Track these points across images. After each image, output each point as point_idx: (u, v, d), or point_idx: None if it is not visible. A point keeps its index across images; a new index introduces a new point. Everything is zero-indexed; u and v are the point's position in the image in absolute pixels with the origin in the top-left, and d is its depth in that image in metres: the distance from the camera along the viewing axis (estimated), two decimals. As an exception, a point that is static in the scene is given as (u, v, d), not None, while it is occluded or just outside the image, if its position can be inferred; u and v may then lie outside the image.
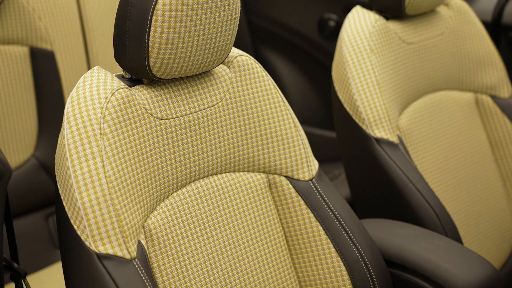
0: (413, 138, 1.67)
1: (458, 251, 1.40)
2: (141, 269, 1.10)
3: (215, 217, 1.25)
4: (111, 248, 1.09)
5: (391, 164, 1.58)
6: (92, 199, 1.09)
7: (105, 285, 1.07)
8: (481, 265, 1.36)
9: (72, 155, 1.10)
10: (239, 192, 1.29)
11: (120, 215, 1.10)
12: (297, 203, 1.33)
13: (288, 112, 1.35)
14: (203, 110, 1.25)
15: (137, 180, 1.15)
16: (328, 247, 1.32)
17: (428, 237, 1.45)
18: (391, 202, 1.60)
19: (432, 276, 1.35)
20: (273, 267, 1.30)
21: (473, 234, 1.71)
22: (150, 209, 1.18)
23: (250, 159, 1.31)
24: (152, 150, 1.18)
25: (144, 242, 1.15)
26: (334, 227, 1.33)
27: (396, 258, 1.41)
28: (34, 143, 1.93)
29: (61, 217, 1.13)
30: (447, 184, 1.70)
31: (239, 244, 1.26)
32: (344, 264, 1.31)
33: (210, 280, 1.22)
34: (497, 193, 1.80)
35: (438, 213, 1.55)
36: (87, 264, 1.09)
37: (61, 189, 1.12)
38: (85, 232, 1.09)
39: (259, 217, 1.30)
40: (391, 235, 1.46)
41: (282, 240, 1.33)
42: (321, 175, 1.37)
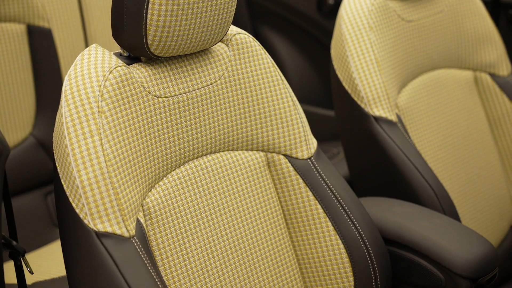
0: (412, 117, 1.67)
1: (456, 229, 1.41)
2: (139, 247, 1.11)
3: (213, 195, 1.25)
4: (109, 226, 1.09)
5: (389, 143, 1.58)
6: (90, 177, 1.09)
7: (103, 263, 1.08)
8: (479, 243, 1.37)
9: (70, 133, 1.10)
10: (238, 170, 1.29)
11: (118, 193, 1.10)
12: (296, 182, 1.33)
13: (287, 91, 1.35)
14: (201, 89, 1.24)
15: (135, 159, 1.15)
16: (327, 225, 1.32)
17: (426, 215, 1.45)
18: (389, 180, 1.60)
19: (430, 254, 1.36)
20: (272, 246, 1.30)
21: (471, 212, 1.72)
22: (149, 187, 1.18)
23: (249, 138, 1.31)
24: (150, 128, 1.18)
25: (142, 220, 1.15)
26: (333, 206, 1.33)
27: (394, 236, 1.41)
28: (32, 121, 1.93)
29: (59, 196, 1.13)
30: (445, 162, 1.70)
31: (237, 223, 1.26)
32: (343, 242, 1.32)
33: (208, 258, 1.22)
34: (496, 171, 1.80)
35: (437, 191, 1.56)
36: (86, 242, 1.09)
37: (59, 168, 1.12)
38: (83, 210, 1.09)
39: (258, 195, 1.30)
40: (389, 213, 1.46)
41: (280, 218, 1.33)
42: (320, 154, 1.37)
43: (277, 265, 1.30)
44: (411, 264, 1.39)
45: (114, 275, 1.07)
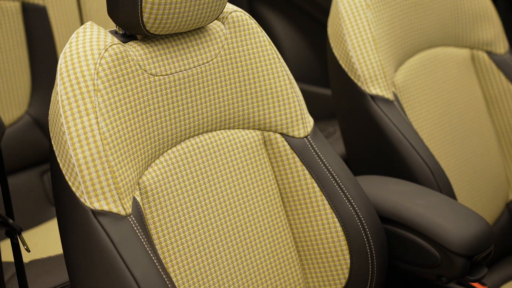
0: (409, 95, 1.66)
1: (452, 207, 1.41)
2: (136, 226, 1.11)
3: (210, 174, 1.25)
4: (106, 204, 1.09)
5: (386, 121, 1.58)
6: (86, 155, 1.09)
7: (100, 241, 1.08)
8: (475, 220, 1.37)
9: (66, 112, 1.10)
10: (234, 149, 1.29)
11: (115, 172, 1.10)
12: (292, 160, 1.33)
13: (283, 69, 1.34)
14: (197, 67, 1.24)
15: (131, 137, 1.15)
16: (323, 203, 1.32)
17: (423, 193, 1.45)
18: (385, 158, 1.61)
19: (426, 231, 1.36)
20: (268, 224, 1.30)
21: (467, 190, 1.72)
22: (145, 166, 1.18)
23: (245, 116, 1.31)
24: (146, 106, 1.18)
25: (139, 198, 1.15)
26: (329, 184, 1.33)
27: (390, 214, 1.42)
28: (28, 99, 1.92)
29: (55, 174, 1.12)
30: (442, 140, 1.70)
31: (234, 201, 1.27)
32: (339, 220, 1.32)
33: (205, 236, 1.22)
34: (492, 149, 1.80)
35: (433, 169, 1.56)
36: (83, 221, 1.09)
37: (55, 146, 1.11)
38: (80, 189, 1.09)
39: (254, 174, 1.30)
40: (385, 192, 1.47)
41: (277, 197, 1.33)
42: (316, 132, 1.37)
43: (274, 243, 1.31)
44: (407, 242, 1.40)
45: (111, 253, 1.07)
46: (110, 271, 1.07)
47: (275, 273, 1.30)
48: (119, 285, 1.06)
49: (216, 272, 1.22)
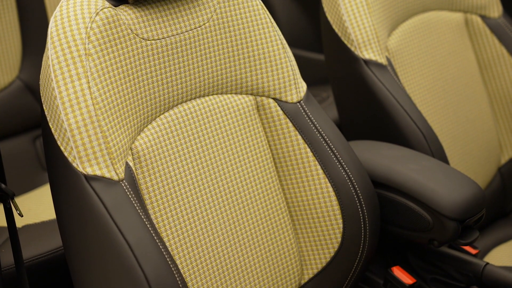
0: (402, 60, 1.66)
1: (444, 171, 1.41)
2: (129, 190, 1.11)
3: (203, 139, 1.25)
4: (98, 169, 1.09)
5: (379, 86, 1.57)
6: (78, 120, 1.08)
7: (93, 206, 1.08)
8: (466, 184, 1.37)
9: (57, 76, 1.09)
10: (227, 114, 1.28)
11: (107, 137, 1.10)
12: (285, 125, 1.33)
13: (276, 33, 1.33)
14: (189, 31, 1.23)
15: (123, 102, 1.14)
16: (316, 168, 1.33)
17: (415, 158, 1.46)
18: (378, 123, 1.61)
19: (418, 196, 1.37)
20: (261, 189, 1.31)
21: (459, 155, 1.73)
22: (138, 131, 1.18)
23: (238, 81, 1.30)
24: (138, 71, 1.17)
25: (132, 163, 1.15)
26: (322, 149, 1.33)
27: (383, 178, 1.42)
28: (19, 64, 1.91)
29: (47, 139, 1.12)
30: (435, 105, 1.70)
31: (227, 166, 1.27)
32: (332, 185, 1.32)
33: (198, 201, 1.22)
34: (485, 114, 1.80)
35: (425, 134, 1.56)
36: (75, 186, 1.09)
37: (47, 111, 1.11)
38: (72, 154, 1.09)
39: (247, 139, 1.30)
40: (378, 156, 1.47)
41: (270, 162, 1.33)
42: (309, 97, 1.37)
43: (267, 208, 1.31)
44: (400, 206, 1.41)
45: (104, 217, 1.07)
46: (103, 235, 1.07)
47: (268, 238, 1.30)
48: (112, 250, 1.06)
49: (210, 237, 1.23)
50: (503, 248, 1.75)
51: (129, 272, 1.05)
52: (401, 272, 1.43)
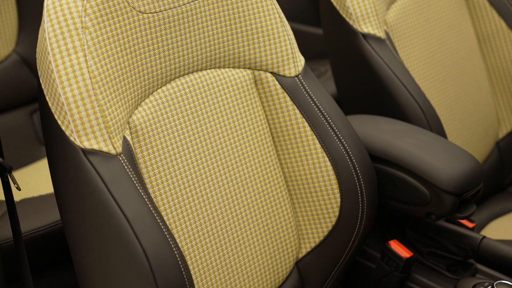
0: (400, 33, 1.65)
1: (442, 145, 1.41)
2: (127, 164, 1.11)
3: (200, 113, 1.24)
4: (96, 143, 1.09)
5: (377, 60, 1.57)
6: (75, 94, 1.08)
7: (91, 180, 1.08)
8: (464, 158, 1.38)
9: (53, 49, 1.08)
10: (225, 88, 1.28)
11: (104, 111, 1.09)
12: (283, 100, 1.32)
13: (274, 7, 1.32)
14: (187, 4, 1.22)
15: (121, 76, 1.14)
16: (314, 143, 1.32)
17: (413, 132, 1.46)
18: (377, 98, 1.60)
19: (416, 170, 1.37)
20: (259, 163, 1.31)
21: (457, 129, 1.73)
22: (135, 105, 1.17)
23: (236, 55, 1.29)
24: (135, 45, 1.16)
25: (129, 138, 1.15)
26: (320, 123, 1.33)
27: (381, 153, 1.42)
28: (15, 38, 1.90)
29: (44, 113, 1.12)
30: (433, 79, 1.70)
31: (224, 140, 1.26)
32: (330, 159, 1.32)
33: (196, 175, 1.22)
34: (483, 87, 1.80)
35: (424, 108, 1.56)
36: (73, 160, 1.09)
37: (43, 84, 1.10)
38: (69, 128, 1.08)
39: (245, 113, 1.30)
40: (376, 131, 1.47)
41: (268, 136, 1.33)
42: (307, 72, 1.36)
43: (264, 182, 1.31)
44: (397, 181, 1.41)
45: (102, 192, 1.07)
46: (101, 209, 1.07)
47: (266, 212, 1.31)
48: (110, 224, 1.07)
49: (208, 211, 1.23)
50: (500, 222, 1.76)
51: (127, 246, 1.05)
52: (398, 246, 1.44)
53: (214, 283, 1.23)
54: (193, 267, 1.21)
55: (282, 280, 1.35)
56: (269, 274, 1.31)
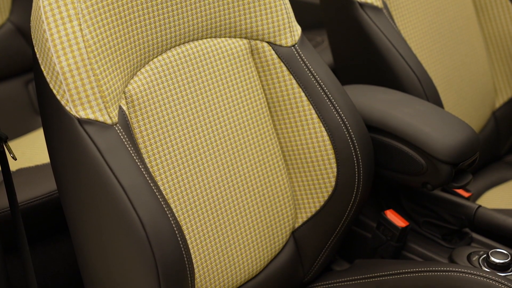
0: (398, 3, 1.64)
1: (438, 115, 1.41)
2: (123, 134, 1.10)
3: (196, 83, 1.24)
4: (92, 113, 1.08)
5: (374, 29, 1.56)
6: (70, 63, 1.07)
7: (87, 150, 1.07)
8: (460, 128, 1.38)
9: (48, 18, 1.07)
10: (221, 58, 1.27)
11: (100, 80, 1.09)
12: (280, 69, 1.32)
13: (270, -25, 1.31)
14: (182, -27, 1.21)
15: (116, 45, 1.13)
16: (310, 113, 1.32)
17: (410, 102, 1.46)
18: (373, 68, 1.60)
19: (412, 140, 1.37)
20: (255, 133, 1.30)
21: (454, 99, 1.72)
22: (131, 74, 1.17)
23: (232, 24, 1.29)
24: (131, 14, 1.16)
25: (125, 107, 1.14)
26: (317, 93, 1.32)
27: (377, 123, 1.42)
28: (9, 6, 1.88)
29: (40, 82, 1.11)
30: (430, 49, 1.69)
31: (221, 110, 1.26)
32: (326, 129, 1.32)
33: (192, 145, 1.22)
34: (480, 57, 1.80)
35: (420, 78, 1.55)
36: (69, 129, 1.09)
37: (38, 53, 1.09)
38: (65, 97, 1.08)
39: (241, 83, 1.29)
40: (373, 101, 1.47)
41: (264, 106, 1.33)
42: (304, 41, 1.36)
43: (261, 152, 1.31)
44: (393, 151, 1.41)
45: (98, 161, 1.07)
46: (97, 179, 1.07)
47: (262, 182, 1.31)
48: (106, 194, 1.07)
49: (204, 181, 1.23)
50: (496, 191, 1.76)
51: (124, 216, 1.06)
52: (394, 215, 1.44)
53: (211, 252, 1.24)
54: (189, 237, 1.21)
55: (278, 250, 1.35)
56: (265, 243, 1.32)
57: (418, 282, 1.29)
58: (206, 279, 1.24)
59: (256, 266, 1.31)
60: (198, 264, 1.22)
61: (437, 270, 1.29)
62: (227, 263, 1.26)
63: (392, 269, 1.34)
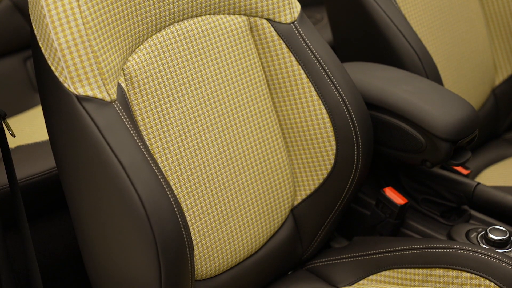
0: (398, -21, 1.63)
1: (438, 92, 1.41)
2: (121, 112, 1.10)
3: (195, 60, 1.23)
4: (90, 90, 1.08)
5: (374, 6, 1.55)
6: (68, 39, 1.07)
7: (85, 127, 1.07)
8: (460, 105, 1.37)
9: (45, -6, 1.07)
10: (220, 35, 1.27)
11: (98, 57, 1.08)
12: (279, 47, 1.31)
13: (270, -49, 1.30)
14: (181, -51, 1.20)
15: (114, 21, 1.12)
16: (310, 90, 1.32)
17: (409, 79, 1.45)
18: (373, 45, 1.59)
19: (412, 117, 1.37)
20: (254, 110, 1.30)
21: (454, 76, 1.72)
22: (129, 51, 1.16)
23: (231, 1, 1.28)
24: (129, -10, 1.15)
25: (124, 84, 1.14)
26: (316, 71, 1.32)
27: (377, 100, 1.42)
28: (6, -17, 1.87)
29: (38, 59, 1.11)
30: (430, 26, 1.68)
31: (220, 88, 1.26)
32: (325, 107, 1.32)
33: (191, 122, 1.22)
34: (480, 34, 1.79)
35: (420, 55, 1.55)
36: (67, 107, 1.08)
37: (36, 30, 1.09)
38: (63, 74, 1.08)
39: (240, 60, 1.29)
40: (372, 78, 1.46)
41: (263, 84, 1.32)
42: (303, 18, 1.35)
43: (260, 130, 1.31)
44: (393, 128, 1.41)
45: (97, 139, 1.07)
46: (96, 156, 1.07)
47: (262, 159, 1.31)
48: (105, 171, 1.07)
49: (203, 158, 1.23)
50: (494, 169, 1.76)
51: (123, 193, 1.06)
52: (393, 193, 1.45)
53: (210, 229, 1.24)
54: (188, 214, 1.21)
55: (277, 227, 1.36)
56: (264, 221, 1.32)
57: (416, 259, 1.30)
58: (205, 256, 1.24)
59: (255, 243, 1.31)
60: (198, 241, 1.23)
61: (435, 247, 1.29)
62: (226, 240, 1.26)
63: (391, 246, 1.35)
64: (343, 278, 1.36)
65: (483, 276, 1.23)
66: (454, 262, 1.26)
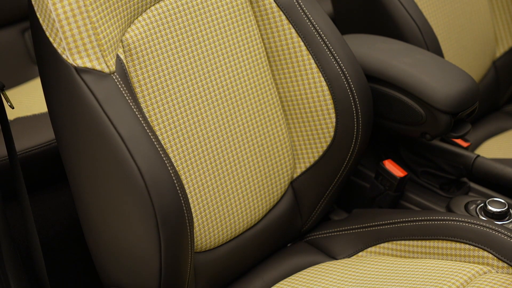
0: (399, -50, 1.62)
1: (438, 64, 1.40)
2: (120, 83, 1.10)
3: (194, 32, 1.23)
4: (89, 61, 1.07)
5: (375, -23, 1.54)
6: (67, 10, 1.06)
7: (84, 99, 1.07)
8: (460, 78, 1.37)
9: (43, -36, 1.06)
10: (219, 6, 1.26)
11: (96, 28, 1.08)
12: (279, 19, 1.31)
13: None
14: None
15: (113, -8, 1.11)
16: (309, 62, 1.31)
17: (410, 51, 1.45)
18: (373, 16, 1.58)
19: (412, 89, 1.36)
20: (254, 83, 1.30)
21: (454, 48, 1.71)
22: (128, 22, 1.16)
23: (230, -28, 1.27)
24: (127, -40, 1.14)
25: (122, 56, 1.13)
26: (316, 43, 1.31)
27: (377, 72, 1.41)
28: (4, -47, 1.85)
29: (36, 30, 1.10)
30: (431, -3, 1.67)
31: (219, 60, 1.25)
32: (325, 79, 1.32)
33: (190, 94, 1.22)
34: (481, 6, 1.78)
35: (421, 26, 1.54)
36: (66, 78, 1.08)
37: (34, 1, 1.08)
38: (61, 45, 1.07)
39: (240, 32, 1.28)
40: (372, 50, 1.46)
41: (263, 56, 1.32)
42: (303, -10, 1.34)
43: (259, 102, 1.31)
44: (393, 100, 1.40)
45: (96, 110, 1.06)
46: (95, 128, 1.07)
47: (261, 132, 1.31)
48: (105, 143, 1.06)
49: (203, 130, 1.23)
50: (494, 141, 1.77)
51: (122, 165, 1.06)
52: (392, 165, 1.45)
53: (209, 202, 1.24)
54: (188, 187, 1.21)
55: (277, 200, 1.36)
56: (264, 193, 1.32)
57: (415, 231, 1.30)
58: (205, 227, 1.24)
59: (254, 216, 1.32)
60: (197, 213, 1.23)
61: (434, 219, 1.30)
62: (226, 212, 1.27)
63: (390, 218, 1.35)
64: (342, 250, 1.37)
65: (481, 248, 1.23)
66: (453, 234, 1.26)
